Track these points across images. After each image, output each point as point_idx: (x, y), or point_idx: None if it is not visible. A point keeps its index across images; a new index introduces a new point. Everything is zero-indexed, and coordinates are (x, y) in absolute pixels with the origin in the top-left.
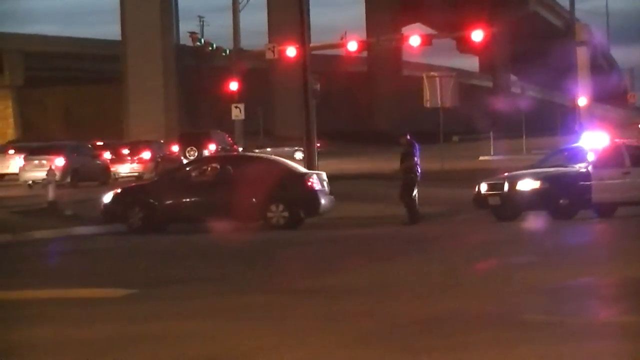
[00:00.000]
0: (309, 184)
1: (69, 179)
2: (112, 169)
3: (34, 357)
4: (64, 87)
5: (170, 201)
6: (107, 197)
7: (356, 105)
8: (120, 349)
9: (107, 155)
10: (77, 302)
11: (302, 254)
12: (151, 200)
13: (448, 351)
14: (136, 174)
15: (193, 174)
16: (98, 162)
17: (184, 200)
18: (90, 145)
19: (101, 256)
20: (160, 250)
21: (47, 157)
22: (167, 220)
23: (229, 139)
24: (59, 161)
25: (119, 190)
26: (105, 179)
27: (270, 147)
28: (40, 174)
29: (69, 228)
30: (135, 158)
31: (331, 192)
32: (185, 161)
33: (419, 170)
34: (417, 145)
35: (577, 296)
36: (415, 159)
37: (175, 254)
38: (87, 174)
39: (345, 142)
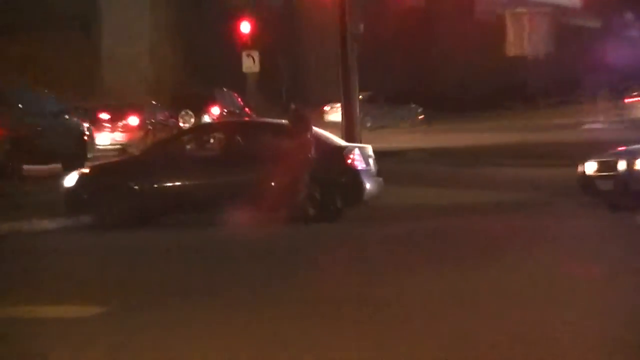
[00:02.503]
0: (349, 161)
1: None
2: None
3: None
4: (26, 35)
5: (157, 184)
6: (71, 179)
7: (410, 57)
8: None
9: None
10: (36, 322)
11: (342, 254)
12: (131, 184)
13: None
14: (118, 146)
15: (189, 146)
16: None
17: (176, 183)
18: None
19: (65, 260)
20: (144, 250)
21: None
22: (152, 211)
23: (239, 99)
24: None
25: (86, 170)
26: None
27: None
28: None
29: (20, 221)
30: (118, 125)
31: (379, 173)
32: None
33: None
34: (308, 119)
35: None
36: (309, 135)
37: (166, 256)
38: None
39: (396, 104)
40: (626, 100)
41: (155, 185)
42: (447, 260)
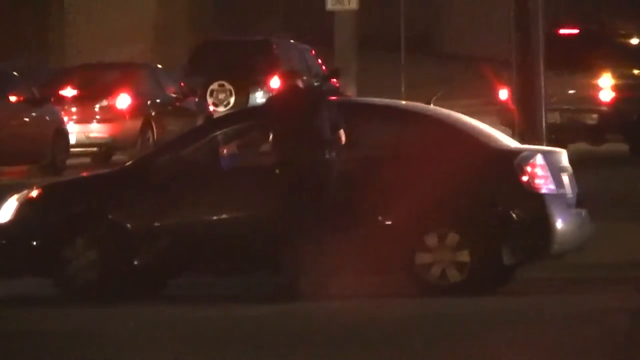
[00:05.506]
0: (526, 178)
1: None
2: None
3: None
4: None
5: (165, 220)
6: (6, 211)
7: None
8: None
9: None
10: None
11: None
12: (115, 218)
13: None
14: (93, 148)
15: (226, 151)
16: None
17: (201, 216)
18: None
19: None
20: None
21: None
22: (158, 268)
23: (319, 60)
24: None
25: (34, 193)
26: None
27: None
28: None
29: None
30: (93, 108)
31: (581, 200)
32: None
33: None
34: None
35: None
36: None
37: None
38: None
39: None
40: None
41: (160, 223)
42: None
